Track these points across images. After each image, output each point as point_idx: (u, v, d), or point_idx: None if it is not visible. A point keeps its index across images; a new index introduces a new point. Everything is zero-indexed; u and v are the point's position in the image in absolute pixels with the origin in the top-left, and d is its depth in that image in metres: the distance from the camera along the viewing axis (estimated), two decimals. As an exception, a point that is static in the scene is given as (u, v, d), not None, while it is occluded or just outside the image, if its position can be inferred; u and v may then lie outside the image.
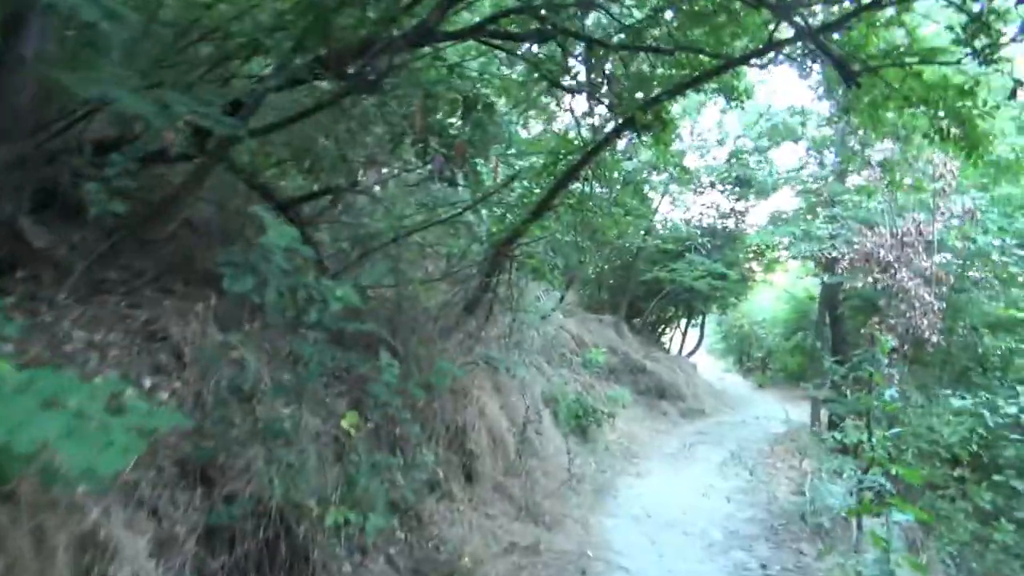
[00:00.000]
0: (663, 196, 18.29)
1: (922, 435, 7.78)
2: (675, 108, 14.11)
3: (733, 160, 19.18)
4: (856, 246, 5.68)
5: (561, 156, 6.00)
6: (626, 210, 8.93)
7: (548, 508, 6.64)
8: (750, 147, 18.43)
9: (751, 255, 21.37)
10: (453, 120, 4.49)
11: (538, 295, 9.36)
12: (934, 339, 6.03)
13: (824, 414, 12.53)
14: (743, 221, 20.60)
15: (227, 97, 3.96)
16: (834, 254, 9.69)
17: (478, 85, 4.43)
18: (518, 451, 7.10)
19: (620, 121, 5.47)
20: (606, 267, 21.06)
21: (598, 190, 7.04)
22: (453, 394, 5.97)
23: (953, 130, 4.06)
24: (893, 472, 5.17)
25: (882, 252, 5.45)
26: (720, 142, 19.54)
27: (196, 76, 4.29)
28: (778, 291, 29.95)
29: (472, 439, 6.03)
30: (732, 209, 19.93)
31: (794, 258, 19.13)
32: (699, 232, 20.13)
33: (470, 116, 4.33)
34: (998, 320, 9.40)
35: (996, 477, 6.71)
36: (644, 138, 5.63)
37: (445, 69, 4.37)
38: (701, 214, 20.53)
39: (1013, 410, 6.85)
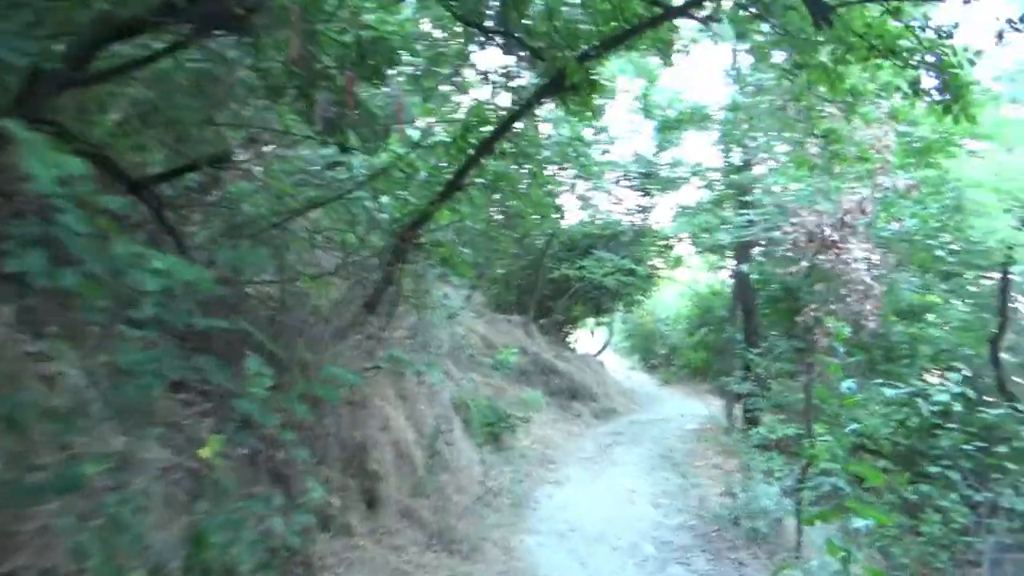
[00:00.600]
0: (572, 189, 17.74)
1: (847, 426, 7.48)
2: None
3: (638, 155, 18.98)
4: (794, 225, 5.22)
5: (473, 123, 5.20)
6: (546, 185, 8.23)
7: (463, 531, 5.83)
8: (656, 140, 18.23)
9: (658, 251, 21.32)
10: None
11: (445, 292, 8.53)
12: (871, 326, 5.64)
13: (738, 409, 12.34)
14: (648, 217, 20.46)
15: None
16: (761, 237, 9.45)
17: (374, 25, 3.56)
18: (428, 467, 6.26)
19: (545, 81, 4.74)
20: (512, 266, 20.53)
21: (516, 168, 6.28)
22: (351, 406, 5.06)
23: (929, 80, 3.60)
24: (840, 470, 4.66)
25: (827, 231, 5.01)
26: (627, 138, 19.30)
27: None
28: (681, 288, 30.38)
29: (374, 458, 5.15)
30: (638, 205, 19.72)
31: (701, 251, 19.17)
32: (607, 228, 19.91)
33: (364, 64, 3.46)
34: (910, 307, 9.41)
35: (932, 469, 6.43)
36: (570, 104, 4.92)
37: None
38: (608, 211, 20.23)
39: (944, 398, 6.63)
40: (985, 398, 8.00)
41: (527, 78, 5.26)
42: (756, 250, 12.16)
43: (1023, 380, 9.03)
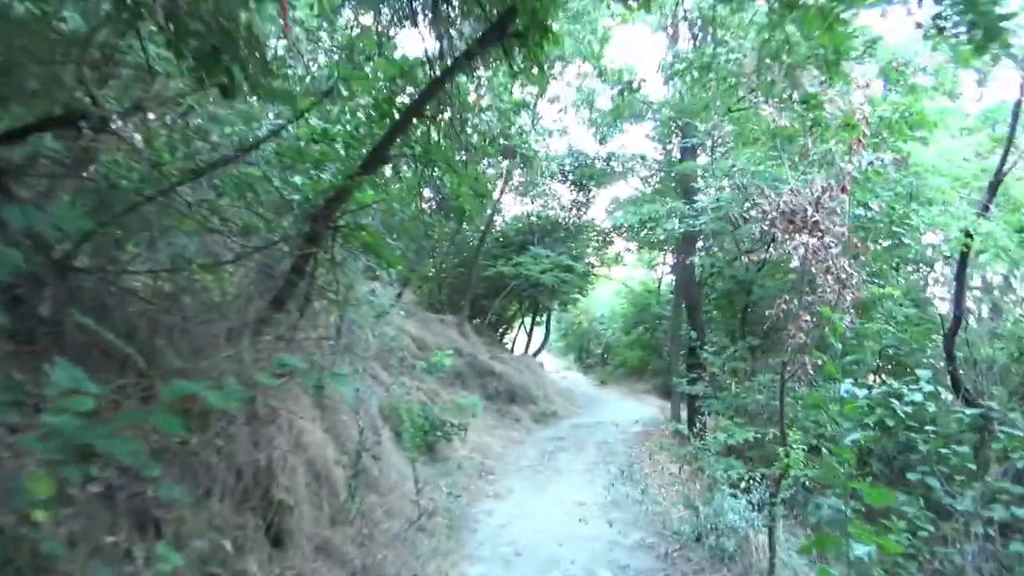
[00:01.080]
0: (505, 184, 17.03)
1: (809, 430, 6.98)
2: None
3: (574, 148, 18.45)
4: (768, 204, 4.60)
5: (395, 71, 4.34)
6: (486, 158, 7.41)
7: (393, 565, 4.99)
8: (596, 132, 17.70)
9: (596, 246, 20.86)
10: None
11: (373, 288, 7.63)
12: (847, 319, 5.07)
13: (683, 410, 11.85)
14: (585, 213, 19.95)
15: None
16: (714, 225, 8.94)
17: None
18: (350, 489, 5.38)
19: (486, 27, 3.94)
20: (445, 264, 19.68)
21: (450, 141, 5.44)
22: (253, 422, 4.14)
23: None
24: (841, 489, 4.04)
25: (808, 210, 4.40)
26: (562, 132, 18.74)
27: None
28: (616, 287, 30.09)
29: (282, 484, 4.24)
30: (575, 200, 19.17)
31: (643, 247, 18.74)
32: (544, 223, 19.30)
33: None
34: (866, 300, 9.06)
35: (910, 475, 5.92)
36: (515, 59, 4.13)
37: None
38: (543, 205, 19.63)
39: (918, 398, 6.15)
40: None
41: (465, 28, 4.46)
42: (701, 244, 11.74)
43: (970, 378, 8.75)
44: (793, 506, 6.60)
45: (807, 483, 6.00)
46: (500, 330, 22.66)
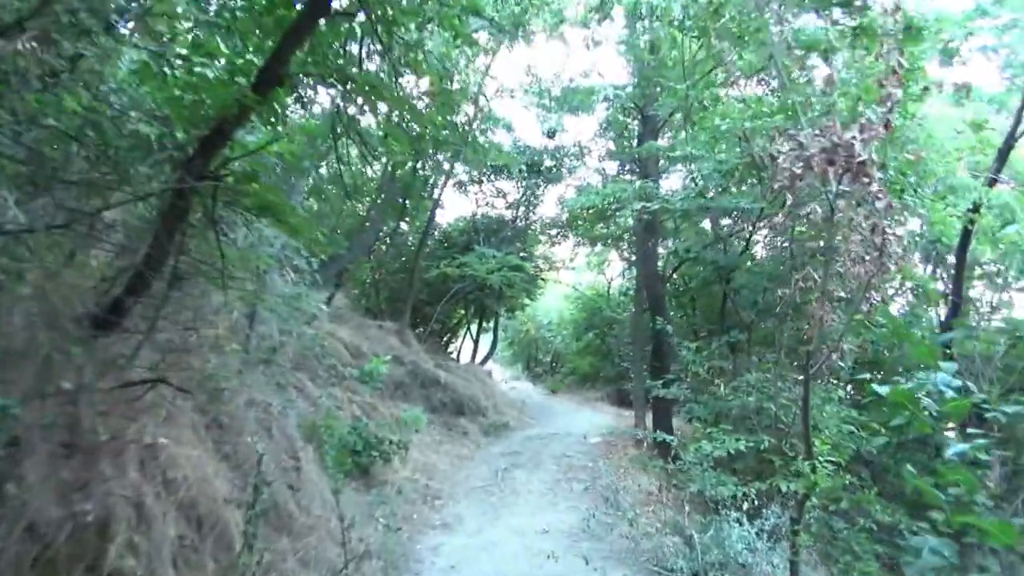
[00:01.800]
0: (445, 180, 15.76)
1: (830, 441, 5.93)
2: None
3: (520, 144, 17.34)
4: (806, 139, 3.50)
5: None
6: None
7: (304, 641, 3.67)
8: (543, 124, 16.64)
9: (545, 246, 19.79)
10: None
11: (286, 274, 6.28)
12: (875, 300, 4.01)
13: (648, 419, 10.75)
14: (533, 211, 18.84)
15: None
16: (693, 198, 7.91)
17: None
18: (247, 536, 4.02)
19: None
20: (383, 268, 18.29)
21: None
22: (70, 457, 2.80)
23: None
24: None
25: (855, 146, 3.31)
26: (508, 127, 17.61)
27: None
28: (564, 292, 29.09)
29: (122, 544, 2.88)
30: (522, 197, 18.04)
31: (595, 243, 17.73)
32: (486, 224, 18.11)
33: None
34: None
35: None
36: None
37: None
38: (488, 204, 18.44)
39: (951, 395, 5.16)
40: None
41: None
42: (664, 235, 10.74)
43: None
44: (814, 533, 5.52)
45: (831, 506, 4.93)
46: (445, 338, 21.33)
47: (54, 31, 2.75)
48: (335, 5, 3.21)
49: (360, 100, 3.58)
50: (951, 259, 8.86)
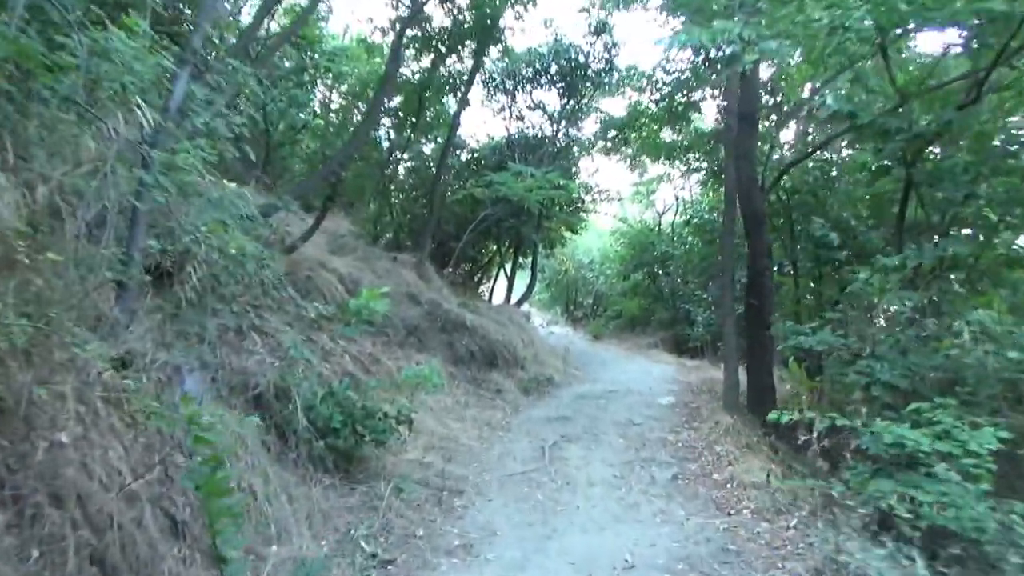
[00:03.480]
0: (471, 77, 12.88)
1: None
2: None
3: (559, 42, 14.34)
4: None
5: None
6: None
7: None
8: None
9: (593, 165, 16.94)
10: None
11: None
12: None
13: (743, 374, 8.10)
14: (578, 126, 15.92)
15: None
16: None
17: None
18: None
19: None
20: (403, 198, 15.70)
21: None
22: None
23: None
24: None
25: None
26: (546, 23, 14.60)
27: None
28: (607, 226, 26.24)
29: None
30: (562, 108, 15.09)
31: (659, 155, 14.73)
32: (522, 141, 15.28)
33: None
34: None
35: None
36: None
37: None
38: (523, 118, 15.55)
39: None
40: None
41: None
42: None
43: None
44: None
45: None
46: (476, 277, 18.82)
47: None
48: None
49: None
50: None
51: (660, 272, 20.10)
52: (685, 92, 11.89)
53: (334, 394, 4.99)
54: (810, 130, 10.75)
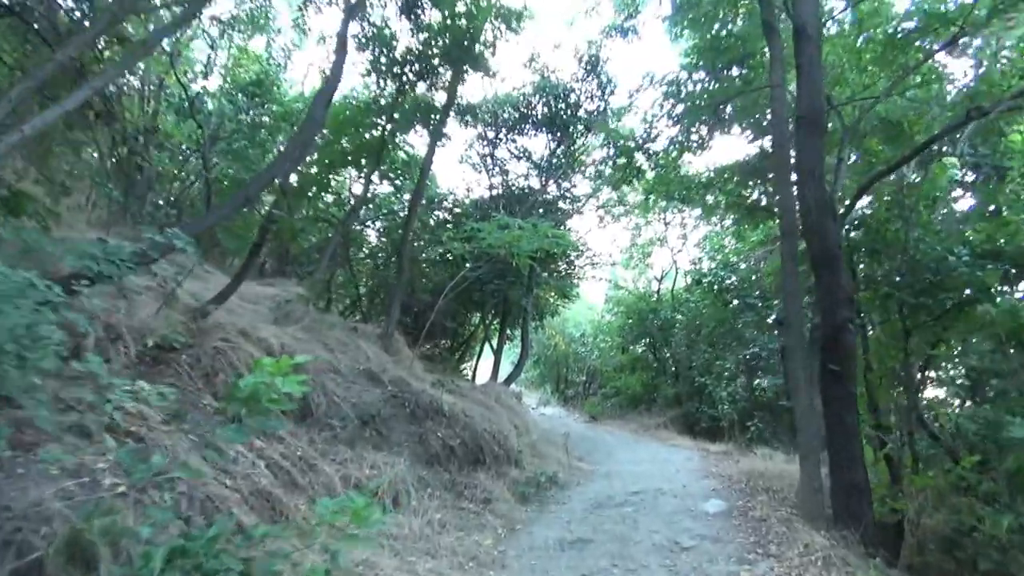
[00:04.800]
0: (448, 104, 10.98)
1: None
2: None
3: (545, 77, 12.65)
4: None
5: None
6: None
7: None
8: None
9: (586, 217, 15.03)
10: None
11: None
12: None
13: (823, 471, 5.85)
14: (569, 178, 14.08)
15: None
16: None
17: None
18: None
19: None
20: (364, 260, 13.63)
21: None
22: None
23: None
24: None
25: None
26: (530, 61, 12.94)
27: None
28: (597, 297, 24.31)
29: None
30: (551, 154, 13.28)
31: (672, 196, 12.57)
32: (506, 193, 13.40)
33: None
34: None
35: None
36: None
37: None
38: (504, 170, 13.71)
39: None
40: None
41: None
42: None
43: None
44: None
45: None
46: (457, 354, 16.57)
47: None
48: None
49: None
50: None
51: (663, 342, 17.94)
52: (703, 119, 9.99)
53: (186, 551, 2.69)
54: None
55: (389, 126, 9.99)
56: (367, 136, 10.39)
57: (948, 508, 6.03)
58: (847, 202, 7.56)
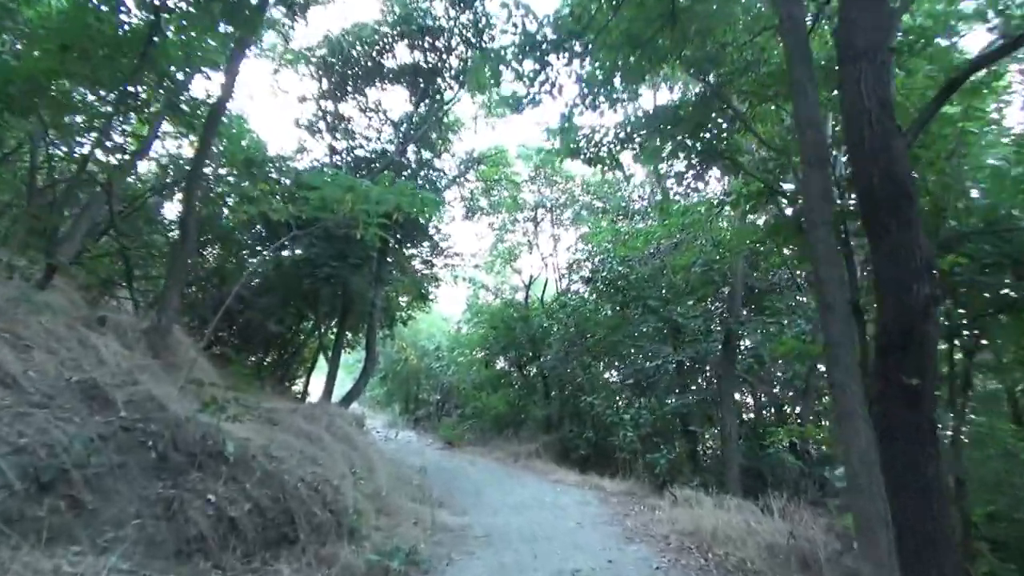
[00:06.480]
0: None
1: None
2: None
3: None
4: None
5: None
6: None
7: None
8: None
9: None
10: None
11: None
12: None
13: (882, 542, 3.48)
14: (435, 150, 11.39)
15: None
16: None
17: None
18: None
19: None
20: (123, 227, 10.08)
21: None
22: None
23: None
24: None
25: None
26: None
27: None
28: (455, 306, 21.57)
29: None
30: (414, 111, 10.54)
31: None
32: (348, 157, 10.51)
33: None
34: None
35: None
36: None
37: None
38: (350, 130, 10.79)
39: None
40: None
41: None
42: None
43: None
44: None
45: None
46: (288, 366, 13.25)
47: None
48: None
49: None
50: None
51: (533, 356, 15.44)
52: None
53: None
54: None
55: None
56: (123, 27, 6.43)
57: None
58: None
